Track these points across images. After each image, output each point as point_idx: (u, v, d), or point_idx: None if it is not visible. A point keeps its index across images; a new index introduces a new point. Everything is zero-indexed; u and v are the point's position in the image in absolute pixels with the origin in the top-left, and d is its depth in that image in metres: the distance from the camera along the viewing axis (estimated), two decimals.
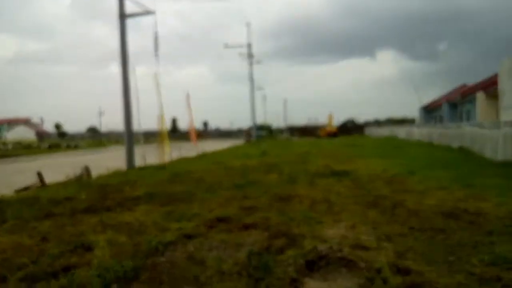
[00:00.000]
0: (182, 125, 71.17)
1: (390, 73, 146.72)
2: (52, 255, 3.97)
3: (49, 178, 10.18)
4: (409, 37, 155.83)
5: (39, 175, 9.77)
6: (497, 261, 3.48)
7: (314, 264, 3.58)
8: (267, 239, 4.36)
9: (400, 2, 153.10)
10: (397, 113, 73.44)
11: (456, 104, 31.08)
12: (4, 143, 45.41)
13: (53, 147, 38.51)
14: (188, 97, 19.97)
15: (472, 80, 33.43)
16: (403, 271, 3.31)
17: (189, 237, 4.56)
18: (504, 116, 15.82)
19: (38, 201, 7.04)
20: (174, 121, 78.54)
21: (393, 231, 4.63)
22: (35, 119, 77.10)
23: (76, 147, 40.55)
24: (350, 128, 64.28)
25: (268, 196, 6.94)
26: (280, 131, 72.11)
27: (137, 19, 15.33)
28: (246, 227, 4.93)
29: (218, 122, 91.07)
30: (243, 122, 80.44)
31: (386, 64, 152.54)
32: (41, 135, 71.06)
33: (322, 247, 3.95)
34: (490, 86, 23.00)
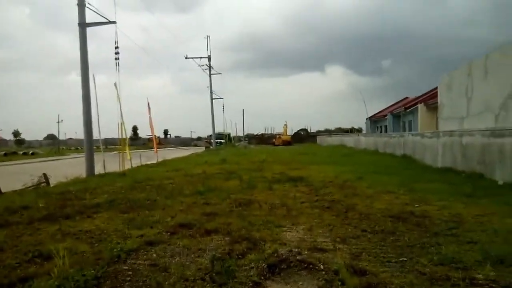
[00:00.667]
0: (143, 133, 70.18)
1: (339, 87, 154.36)
2: (9, 265, 3.81)
3: (4, 187, 9.63)
4: (356, 54, 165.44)
5: None
6: (445, 261, 3.72)
7: (275, 268, 3.69)
8: (229, 244, 4.44)
9: (347, 22, 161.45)
10: (346, 123, 76.82)
11: (399, 115, 32.72)
12: None
13: (9, 155, 36.06)
14: (148, 106, 19.72)
15: (414, 93, 35.95)
16: (359, 272, 3.47)
17: (151, 244, 4.54)
18: (443, 127, 16.86)
19: None
20: (135, 129, 77.60)
21: (347, 233, 4.90)
22: None
23: (33, 154, 38.40)
24: (303, 137, 66.16)
25: (229, 202, 7.05)
26: (239, 139, 72.47)
27: (99, 30, 15.24)
28: (208, 232, 4.98)
29: (179, 130, 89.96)
30: (204, 131, 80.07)
31: (335, 78, 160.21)
32: None
33: (283, 251, 4.10)
34: (430, 99, 24.72)
